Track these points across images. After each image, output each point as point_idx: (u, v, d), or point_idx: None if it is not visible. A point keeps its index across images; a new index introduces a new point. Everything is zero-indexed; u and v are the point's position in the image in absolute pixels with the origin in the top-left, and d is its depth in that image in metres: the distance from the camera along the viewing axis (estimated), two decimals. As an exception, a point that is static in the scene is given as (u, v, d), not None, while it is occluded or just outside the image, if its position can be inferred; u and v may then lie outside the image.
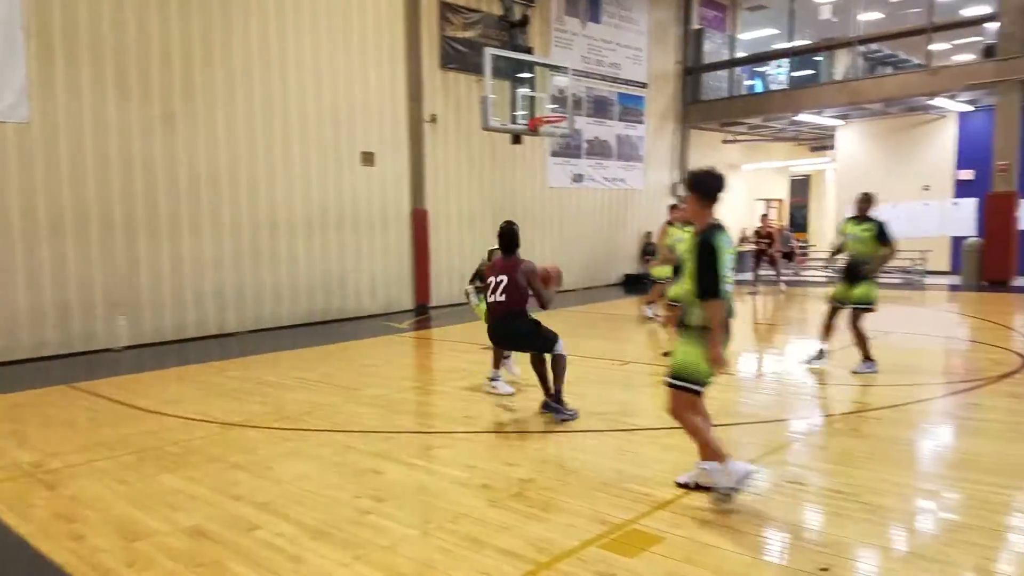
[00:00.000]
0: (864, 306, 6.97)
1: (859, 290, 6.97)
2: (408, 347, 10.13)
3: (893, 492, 4.02)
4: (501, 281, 5.97)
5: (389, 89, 13.16)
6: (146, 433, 5.67)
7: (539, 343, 5.84)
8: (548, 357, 5.82)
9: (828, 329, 7.39)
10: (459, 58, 14.13)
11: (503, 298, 5.92)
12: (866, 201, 7.20)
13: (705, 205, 3.94)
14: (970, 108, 17.01)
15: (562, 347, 5.85)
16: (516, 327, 5.94)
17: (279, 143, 11.74)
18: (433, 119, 13.84)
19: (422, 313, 13.48)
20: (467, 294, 8.74)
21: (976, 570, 3.08)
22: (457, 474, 4.47)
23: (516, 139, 13.55)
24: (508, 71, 12.92)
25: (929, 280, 15.93)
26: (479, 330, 11.51)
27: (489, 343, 6.37)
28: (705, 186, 3.96)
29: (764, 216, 16.64)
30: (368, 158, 12.93)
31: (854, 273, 7.05)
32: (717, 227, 3.87)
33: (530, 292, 5.92)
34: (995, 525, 3.54)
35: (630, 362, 8.13)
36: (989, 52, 15.04)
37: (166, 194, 10.51)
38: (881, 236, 6.83)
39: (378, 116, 13.04)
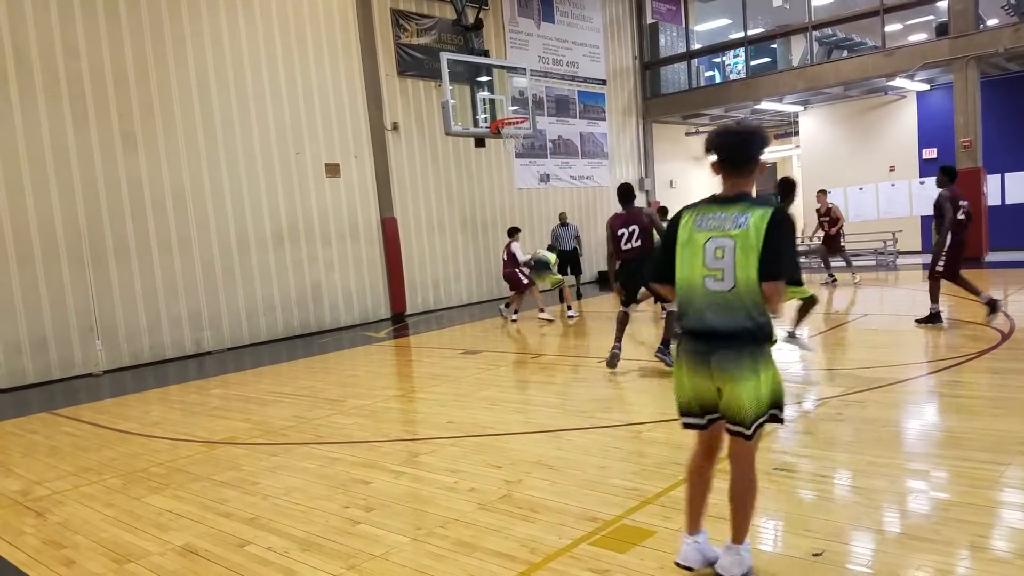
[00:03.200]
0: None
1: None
2: (388, 356, 10.05)
3: (881, 474, 4.04)
4: (633, 230, 6.69)
5: (348, 99, 13.07)
6: (131, 455, 5.60)
7: None
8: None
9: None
10: (416, 65, 14.08)
11: (638, 244, 6.58)
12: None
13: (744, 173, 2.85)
14: (927, 87, 17.32)
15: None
16: None
17: (242, 159, 11.61)
18: (395, 127, 13.77)
19: (399, 321, 13.41)
20: (529, 265, 9.58)
21: (970, 547, 3.09)
22: (444, 479, 4.42)
23: (480, 142, 13.55)
24: (466, 75, 12.91)
25: (901, 260, 16.17)
26: (457, 336, 11.53)
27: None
28: (733, 148, 2.85)
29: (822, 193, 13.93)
30: (333, 170, 12.83)
31: None
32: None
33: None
34: (986, 502, 3.57)
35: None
36: (942, 30, 15.30)
37: (132, 216, 10.36)
38: None
39: (339, 127, 12.95)
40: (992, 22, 15.07)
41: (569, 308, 11.90)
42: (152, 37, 10.55)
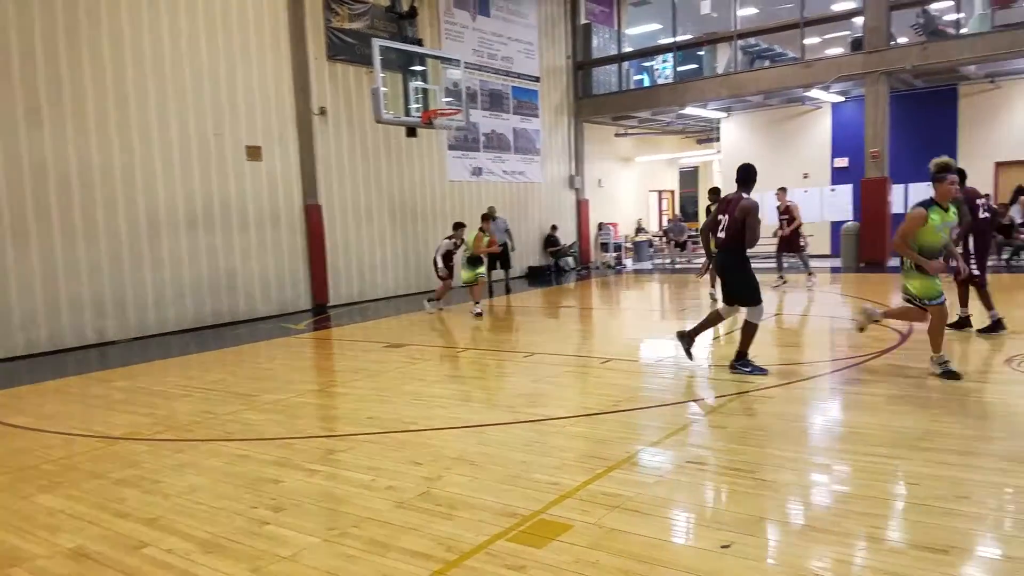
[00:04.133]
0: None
1: None
2: (306, 349, 9.79)
3: (787, 467, 4.18)
4: (724, 219, 6.42)
5: (274, 81, 12.66)
6: (20, 451, 5.24)
7: (744, 296, 6.35)
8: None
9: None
10: (347, 49, 13.78)
11: (722, 235, 6.41)
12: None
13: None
14: (842, 99, 18.11)
15: (758, 316, 6.32)
16: (731, 265, 6.44)
17: (157, 138, 11.08)
18: (322, 111, 13.44)
19: (320, 313, 13.09)
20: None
21: (867, 538, 3.22)
22: (361, 477, 4.32)
23: (411, 132, 13.37)
24: (399, 63, 12.71)
25: (812, 263, 16.85)
26: (382, 328, 11.35)
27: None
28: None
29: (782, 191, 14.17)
30: (254, 152, 12.41)
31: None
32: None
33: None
34: (883, 494, 3.73)
35: (535, 353, 8.15)
36: (857, 45, 16.02)
37: (34, 195, 9.72)
38: None
39: (263, 109, 12.53)
40: (902, 40, 15.87)
41: (476, 304, 11.56)
42: (64, 8, 9.93)
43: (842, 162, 18.30)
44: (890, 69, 15.25)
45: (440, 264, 11.81)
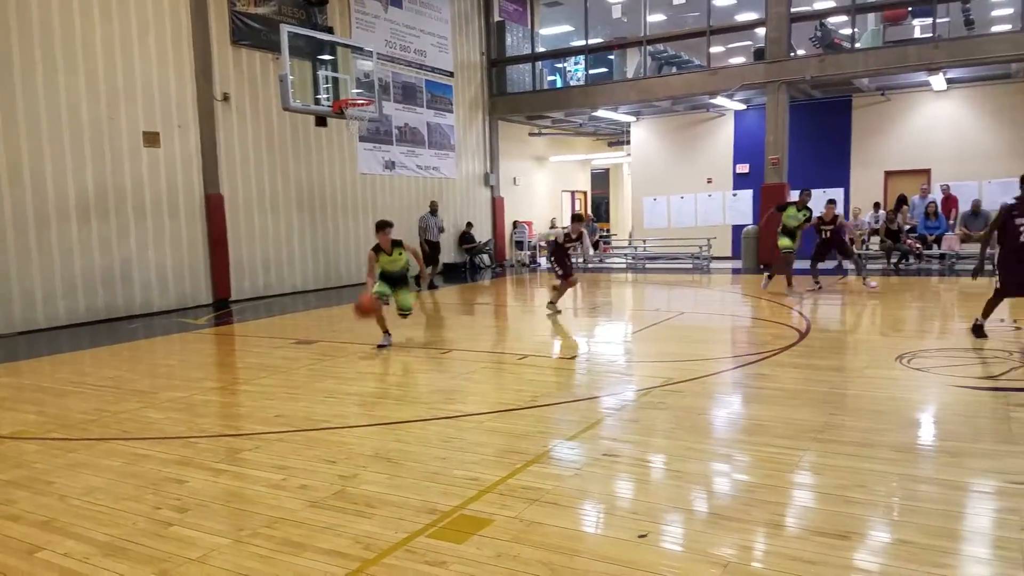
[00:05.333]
0: None
1: None
2: (208, 345, 9.38)
3: (696, 458, 4.32)
4: None
5: (174, 65, 12.06)
6: None
7: None
8: None
9: None
10: (252, 34, 13.29)
11: None
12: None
13: None
14: (744, 107, 18.92)
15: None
16: None
17: (45, 122, 10.35)
18: (226, 98, 12.91)
19: (222, 308, 12.57)
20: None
21: (770, 525, 3.38)
22: (271, 477, 4.17)
23: (321, 121, 13.04)
24: (308, 51, 12.38)
25: (715, 265, 17.53)
26: (289, 324, 11.00)
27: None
28: None
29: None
30: (151, 139, 11.79)
31: None
32: None
33: None
34: (784, 483, 3.92)
35: (451, 350, 8.11)
36: (760, 55, 16.76)
37: None
38: None
39: (161, 93, 11.92)
40: (801, 52, 16.71)
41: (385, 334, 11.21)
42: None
43: (744, 168, 19.12)
44: (790, 79, 16.05)
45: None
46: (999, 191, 15.48)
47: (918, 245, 15.23)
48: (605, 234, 21.99)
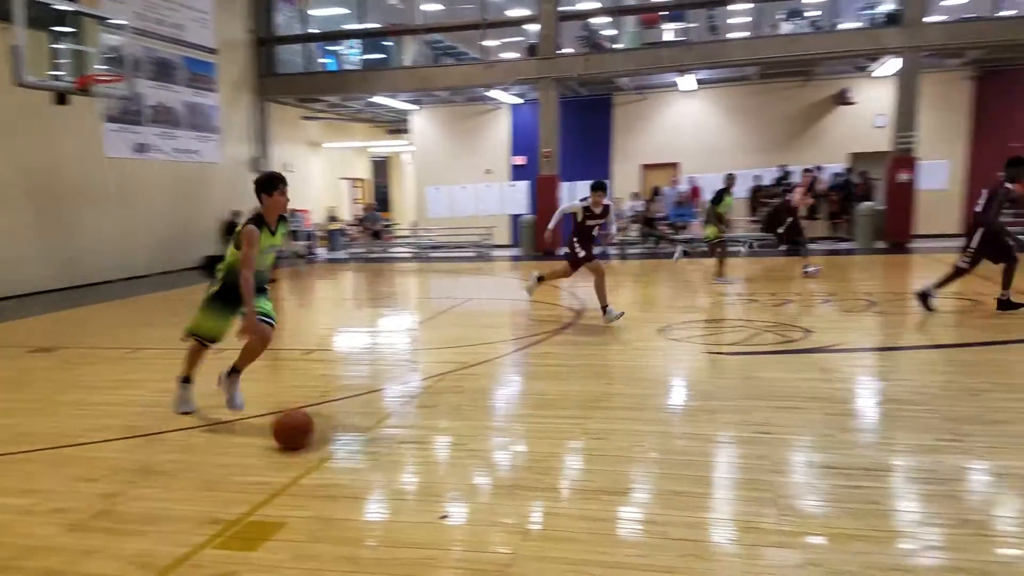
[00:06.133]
0: None
1: None
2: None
3: (491, 436, 4.46)
4: None
5: None
6: None
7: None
8: None
9: None
10: (-25, -3, 11.29)
11: None
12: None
13: None
14: (520, 101, 19.69)
15: None
16: None
17: None
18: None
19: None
20: None
21: (560, 490, 3.60)
22: (17, 502, 3.59)
23: (61, 99, 11.44)
24: (46, 20, 10.81)
25: (496, 253, 18.11)
26: (22, 330, 9.54)
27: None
28: None
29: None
30: None
31: None
32: None
33: None
34: (571, 450, 4.19)
35: (226, 349, 7.52)
36: (533, 51, 17.50)
37: None
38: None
39: None
40: (569, 50, 17.72)
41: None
42: None
43: (520, 160, 19.92)
44: (559, 76, 16.96)
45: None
46: (740, 182, 17.46)
47: (669, 231, 16.93)
48: (388, 223, 21.77)
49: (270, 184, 4.63)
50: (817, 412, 4.62)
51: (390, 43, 21.05)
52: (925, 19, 15.01)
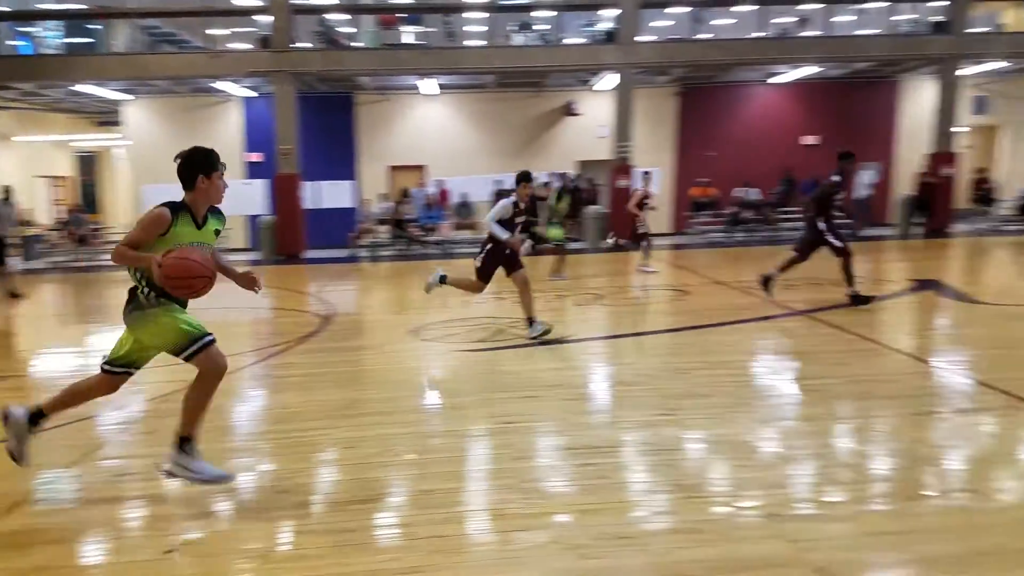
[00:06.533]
0: None
1: None
2: None
3: (225, 457, 4.04)
4: None
5: None
6: None
7: None
8: None
9: None
10: None
11: None
12: None
13: None
14: (254, 94, 18.53)
15: None
16: None
17: None
18: None
19: None
20: None
21: (304, 506, 3.42)
22: None
23: None
24: None
25: (232, 257, 16.87)
26: None
27: None
28: None
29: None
30: None
31: None
32: None
33: None
34: (316, 463, 4.01)
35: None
36: (266, 43, 16.53)
37: None
38: None
39: None
40: (306, 45, 17.05)
41: None
42: None
43: (256, 157, 18.76)
44: (296, 70, 16.24)
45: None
46: (483, 185, 18.14)
47: (420, 233, 17.09)
48: (97, 227, 19.22)
49: (209, 163, 3.56)
50: (554, 399, 4.91)
51: (99, 26, 18.66)
52: (637, 38, 16.78)
